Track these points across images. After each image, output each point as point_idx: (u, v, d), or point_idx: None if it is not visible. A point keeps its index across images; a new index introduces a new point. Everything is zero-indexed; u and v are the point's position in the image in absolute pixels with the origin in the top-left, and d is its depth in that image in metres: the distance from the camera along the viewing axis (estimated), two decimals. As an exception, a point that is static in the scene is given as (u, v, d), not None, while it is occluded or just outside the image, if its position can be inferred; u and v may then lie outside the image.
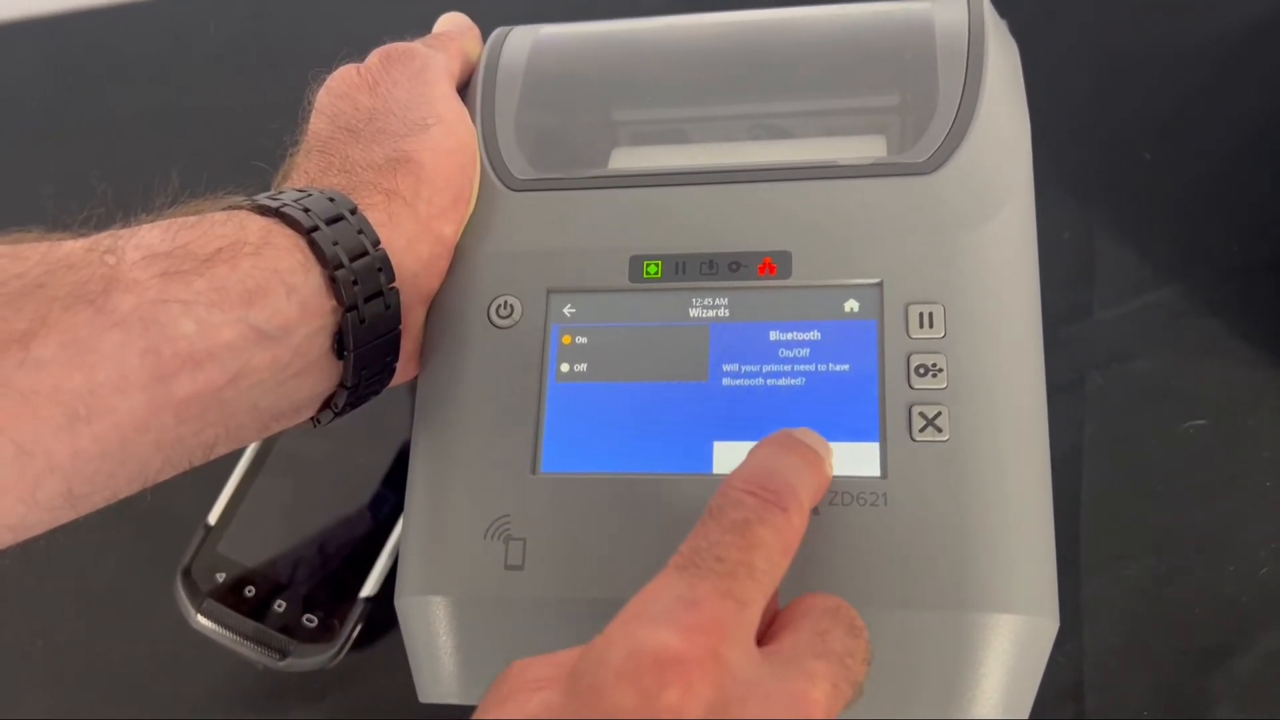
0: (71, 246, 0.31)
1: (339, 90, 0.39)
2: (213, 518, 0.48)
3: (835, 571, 0.33)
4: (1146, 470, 0.46)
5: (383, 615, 0.47)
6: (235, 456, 0.49)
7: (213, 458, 0.34)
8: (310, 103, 0.40)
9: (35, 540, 0.32)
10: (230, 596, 0.47)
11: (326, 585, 0.47)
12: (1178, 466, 0.46)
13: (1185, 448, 0.46)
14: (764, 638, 0.28)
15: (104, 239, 0.31)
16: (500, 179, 0.40)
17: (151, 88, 0.67)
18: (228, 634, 0.46)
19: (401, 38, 0.42)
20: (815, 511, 0.33)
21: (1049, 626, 0.33)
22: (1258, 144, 0.52)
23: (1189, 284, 0.49)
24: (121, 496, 0.32)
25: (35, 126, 0.68)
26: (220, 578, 0.47)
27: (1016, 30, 0.43)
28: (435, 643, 0.35)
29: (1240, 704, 0.41)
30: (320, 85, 0.40)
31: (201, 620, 0.46)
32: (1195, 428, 0.46)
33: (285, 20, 0.68)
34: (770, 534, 0.28)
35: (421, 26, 0.44)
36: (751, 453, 0.31)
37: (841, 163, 0.38)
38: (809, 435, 0.33)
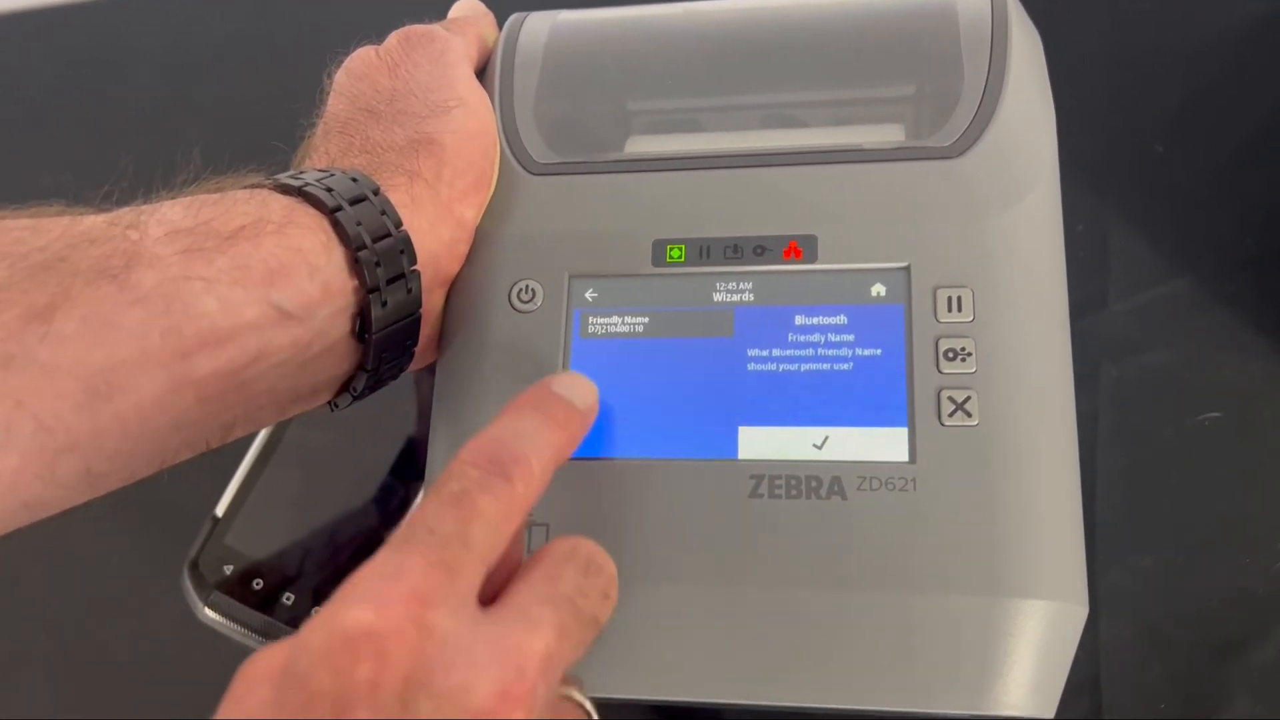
0: (93, 221, 0.30)
1: (358, 72, 0.39)
2: (220, 509, 0.48)
3: (864, 556, 0.33)
4: (1161, 462, 0.46)
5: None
6: (243, 448, 0.49)
7: (230, 440, 0.34)
8: (328, 84, 0.39)
9: (42, 532, 0.31)
10: (238, 589, 0.46)
11: (335, 578, 0.46)
12: (1192, 459, 0.45)
13: (1199, 440, 0.46)
14: (499, 595, 0.28)
15: (125, 214, 0.31)
16: (520, 163, 0.39)
17: (160, 77, 0.66)
18: (235, 627, 0.45)
19: (415, 21, 0.41)
20: (844, 497, 0.33)
21: (1078, 612, 0.33)
22: (1269, 136, 0.52)
23: (1202, 276, 0.49)
24: (139, 477, 0.32)
25: (48, 116, 0.67)
26: (228, 570, 0.46)
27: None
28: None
29: (1257, 697, 0.41)
30: (339, 66, 0.39)
31: (209, 613, 0.45)
32: (1209, 420, 0.46)
33: (286, 13, 0.68)
34: (490, 502, 0.27)
35: (414, 17, 0.42)
36: (496, 416, 0.30)
37: (867, 146, 0.38)
38: (566, 383, 0.32)
